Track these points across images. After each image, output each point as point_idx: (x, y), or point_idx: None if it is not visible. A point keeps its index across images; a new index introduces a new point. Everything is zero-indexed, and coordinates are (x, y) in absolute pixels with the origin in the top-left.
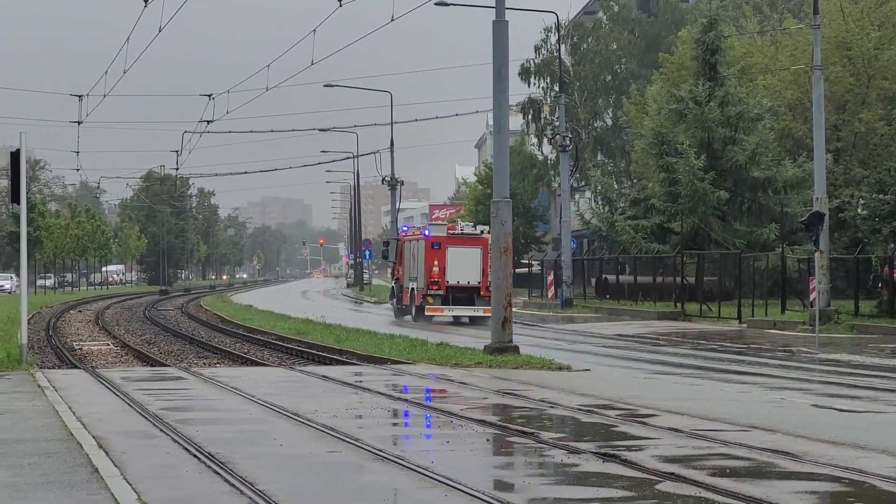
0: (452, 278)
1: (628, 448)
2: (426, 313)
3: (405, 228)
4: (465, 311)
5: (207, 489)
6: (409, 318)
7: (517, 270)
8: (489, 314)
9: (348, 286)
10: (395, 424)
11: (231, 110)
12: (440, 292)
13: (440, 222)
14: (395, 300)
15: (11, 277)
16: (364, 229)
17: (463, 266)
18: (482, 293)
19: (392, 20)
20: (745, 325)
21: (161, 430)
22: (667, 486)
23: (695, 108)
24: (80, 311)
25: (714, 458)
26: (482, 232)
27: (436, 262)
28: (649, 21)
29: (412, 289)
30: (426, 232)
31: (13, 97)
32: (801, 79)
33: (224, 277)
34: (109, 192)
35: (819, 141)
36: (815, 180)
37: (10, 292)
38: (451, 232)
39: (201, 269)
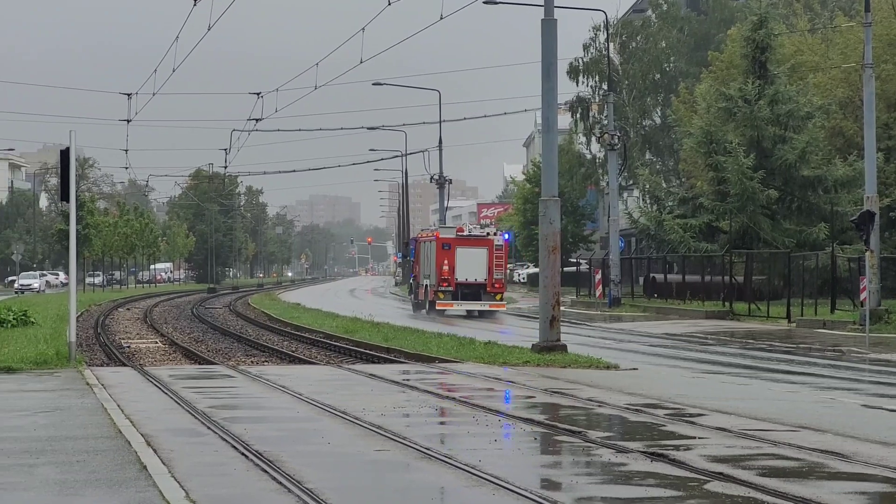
0: (461, 276)
1: (676, 447)
2: (437, 308)
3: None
4: (472, 306)
5: (255, 487)
6: (423, 311)
7: (565, 269)
8: (494, 308)
9: (396, 284)
10: (442, 423)
11: (280, 108)
12: (450, 288)
13: (450, 226)
14: (413, 295)
15: (39, 276)
16: (412, 228)
17: (470, 264)
18: (488, 289)
19: (441, 18)
20: (794, 324)
21: (209, 428)
22: (715, 486)
23: (744, 107)
24: (128, 309)
25: (763, 457)
26: (487, 234)
27: (446, 262)
28: (698, 19)
29: (426, 285)
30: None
31: (63, 96)
32: (852, 77)
33: (273, 275)
34: (158, 191)
35: (870, 139)
36: (866, 179)
37: (38, 291)
38: (459, 234)
39: (249, 267)
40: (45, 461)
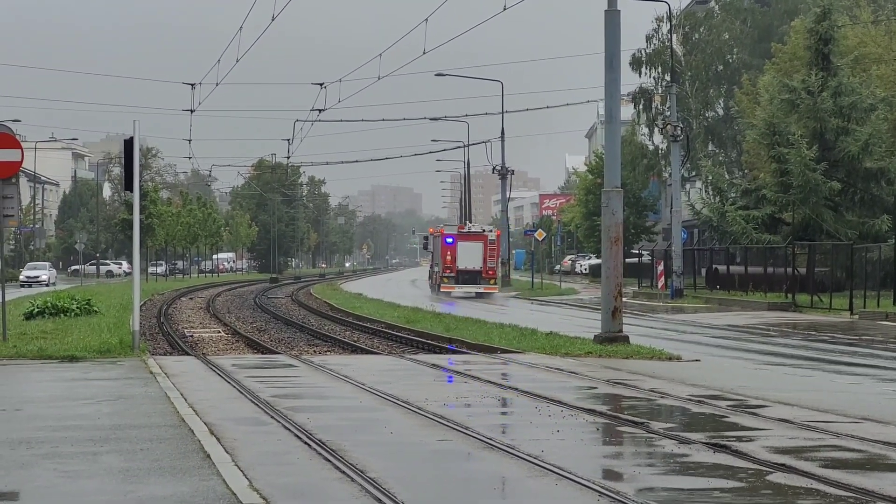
0: (461, 264)
1: (738, 439)
2: (442, 290)
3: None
4: (470, 289)
5: (318, 476)
6: (448, 291)
7: (627, 260)
8: (489, 291)
9: None
10: (504, 413)
11: (342, 99)
12: (452, 274)
13: (452, 224)
14: (430, 280)
15: (49, 267)
16: (474, 218)
17: (469, 255)
18: (483, 275)
19: (504, 9)
20: (856, 316)
21: (272, 417)
22: (778, 477)
23: (807, 99)
24: (190, 299)
25: (825, 449)
26: (483, 231)
27: (449, 253)
28: (762, 10)
29: (436, 272)
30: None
31: (127, 85)
32: None
33: (347, 264)
34: (221, 180)
35: None
36: None
37: (48, 284)
38: (460, 231)
39: (311, 257)
40: (108, 449)
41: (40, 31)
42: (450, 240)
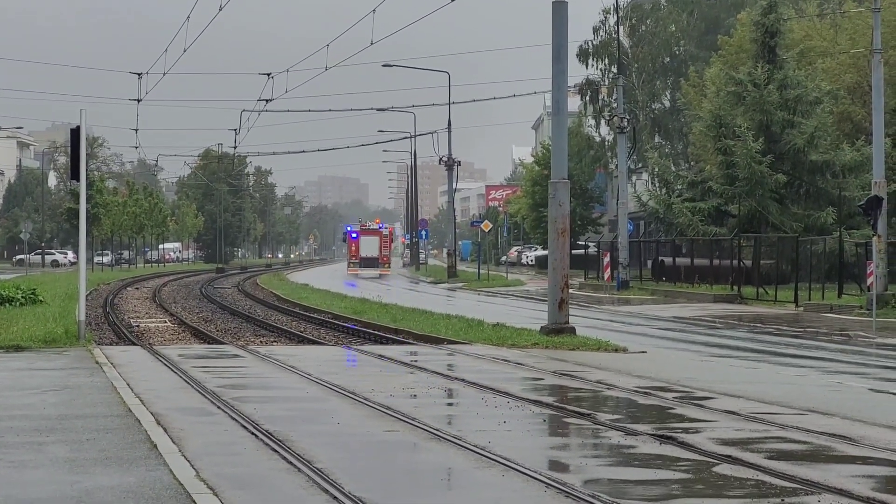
0: (363, 253)
1: (685, 430)
2: (349, 272)
3: (348, 227)
4: (369, 272)
5: (265, 467)
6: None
7: (573, 252)
8: (383, 273)
9: (404, 266)
10: (451, 404)
11: (290, 89)
12: (356, 261)
13: (356, 224)
14: (347, 266)
15: None
16: (421, 209)
17: (368, 247)
18: (379, 261)
19: (451, 0)
20: (801, 308)
21: (219, 407)
22: (724, 469)
23: (753, 91)
24: (137, 289)
25: (771, 441)
26: (378, 228)
27: (354, 245)
28: (708, 3)
29: (349, 259)
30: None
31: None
32: (861, 62)
33: (292, 255)
34: (167, 170)
35: (878, 125)
36: (874, 164)
37: None
38: (363, 228)
39: (257, 247)
40: (54, 439)
41: None
42: (354, 235)
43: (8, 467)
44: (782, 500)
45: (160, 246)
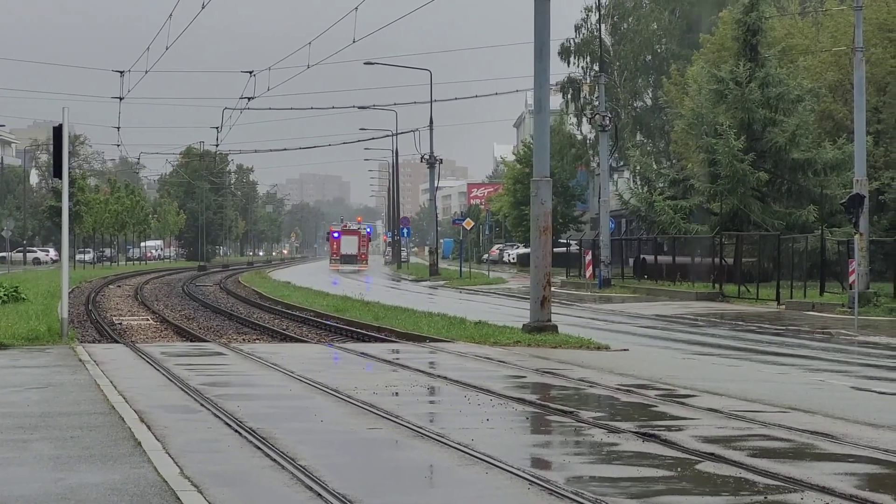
0: (343, 251)
1: (668, 428)
2: (330, 268)
3: (335, 232)
4: (349, 267)
5: (249, 464)
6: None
7: (555, 250)
8: (361, 269)
9: (386, 263)
10: (433, 402)
11: (272, 87)
12: (338, 258)
13: (339, 224)
14: (329, 262)
15: None
16: (402, 207)
17: (349, 245)
18: (358, 258)
19: None
20: (783, 306)
21: (202, 404)
22: (707, 466)
23: (735, 89)
24: (119, 286)
25: (753, 438)
26: (358, 228)
27: (335, 244)
28: (690, 1)
29: (331, 257)
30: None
31: (56, 72)
32: (842, 60)
33: (277, 253)
34: (149, 168)
35: (860, 123)
36: (856, 162)
37: None
38: (343, 228)
39: (239, 245)
40: (38, 437)
41: None
42: (336, 235)
43: None
44: (765, 498)
45: (142, 244)
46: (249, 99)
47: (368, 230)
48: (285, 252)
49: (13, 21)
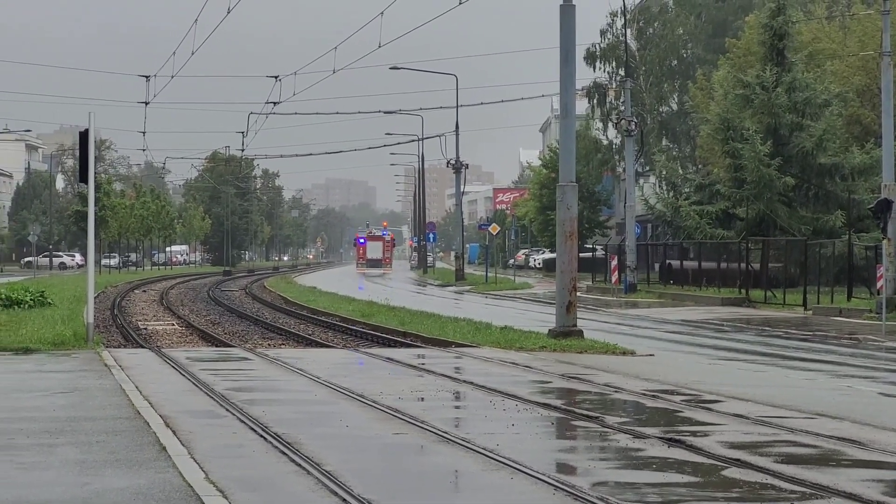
0: (369, 255)
1: (693, 434)
2: (357, 271)
3: (360, 238)
4: (374, 271)
5: (274, 469)
6: (361, 273)
7: (581, 255)
8: (385, 272)
9: (412, 269)
10: (459, 407)
11: (297, 92)
12: (364, 262)
13: (364, 230)
14: (356, 265)
15: None
16: (428, 212)
17: (374, 250)
18: (382, 262)
19: (460, 3)
20: (810, 312)
21: (227, 410)
22: (733, 473)
23: (762, 94)
24: (144, 291)
25: (780, 444)
26: (382, 234)
27: (362, 249)
28: (716, 5)
29: (357, 261)
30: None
31: (81, 77)
32: (870, 65)
33: (302, 258)
34: (174, 173)
35: (887, 127)
36: (883, 167)
37: None
38: (369, 234)
39: (265, 250)
40: (64, 441)
41: None
42: (362, 241)
43: (18, 469)
44: None
45: (167, 248)
46: (275, 104)
47: (384, 233)
48: (311, 257)
49: (40, 27)
